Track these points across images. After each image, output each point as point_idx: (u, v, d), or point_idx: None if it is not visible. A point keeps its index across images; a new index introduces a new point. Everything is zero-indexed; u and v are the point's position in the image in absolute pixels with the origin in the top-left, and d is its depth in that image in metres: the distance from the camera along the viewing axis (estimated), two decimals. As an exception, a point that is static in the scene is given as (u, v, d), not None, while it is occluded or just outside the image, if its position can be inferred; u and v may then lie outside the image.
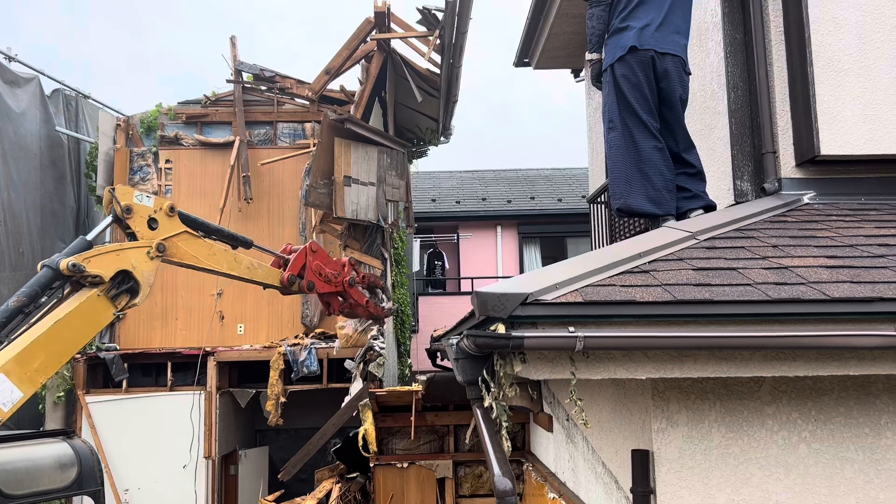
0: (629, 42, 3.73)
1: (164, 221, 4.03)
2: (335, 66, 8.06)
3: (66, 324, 3.54)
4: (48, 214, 9.03)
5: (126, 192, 3.85)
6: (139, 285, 3.86)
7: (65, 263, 3.54)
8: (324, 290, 5.48)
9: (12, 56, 8.51)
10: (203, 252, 4.35)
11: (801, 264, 2.66)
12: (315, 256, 5.34)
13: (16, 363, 3.32)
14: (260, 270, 4.92)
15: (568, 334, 2.22)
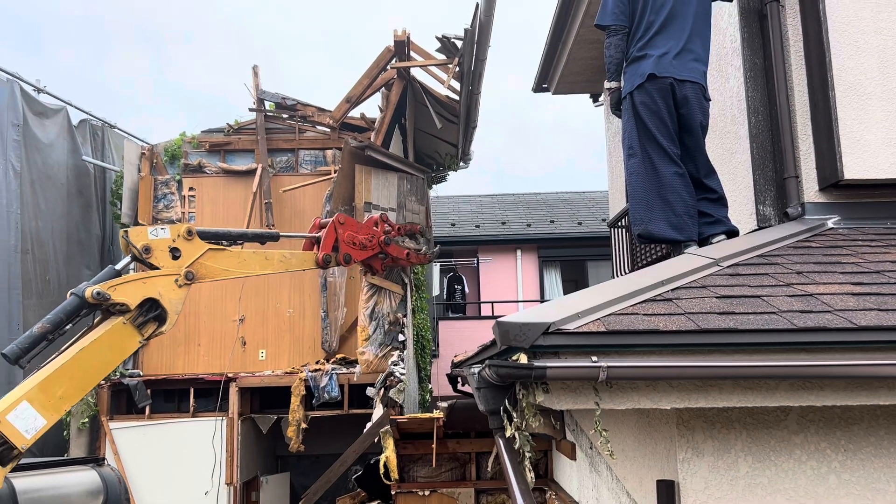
0: (648, 70, 3.74)
1: (185, 247, 4.01)
2: (356, 95, 8.15)
3: (92, 351, 3.55)
4: (74, 242, 9.17)
5: (139, 232, 3.83)
6: (166, 313, 3.86)
7: (90, 291, 3.57)
8: (361, 257, 5.40)
9: (41, 88, 8.70)
10: (232, 262, 4.32)
11: (826, 291, 2.63)
12: (345, 227, 5.25)
13: (39, 390, 3.33)
14: (294, 259, 4.86)
15: (591, 364, 2.21)
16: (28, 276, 8.25)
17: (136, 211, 8.72)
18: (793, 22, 4.04)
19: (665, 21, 3.84)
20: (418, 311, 9.54)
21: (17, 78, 8.22)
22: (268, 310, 8.70)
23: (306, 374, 7.91)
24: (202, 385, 8.24)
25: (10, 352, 3.43)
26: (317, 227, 5.28)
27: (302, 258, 4.96)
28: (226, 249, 4.27)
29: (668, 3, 3.85)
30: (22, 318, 8.08)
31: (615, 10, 3.93)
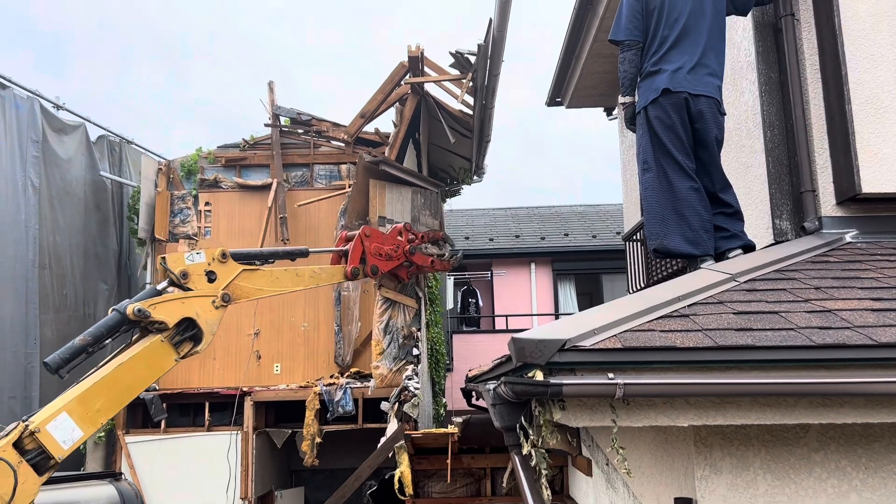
0: (662, 84, 3.74)
1: (220, 269, 4.09)
2: (370, 110, 8.20)
3: (129, 367, 3.63)
4: (91, 257, 9.25)
5: (177, 258, 3.92)
6: (202, 333, 3.93)
7: (131, 308, 3.64)
8: (388, 267, 5.52)
9: (60, 105, 8.81)
10: (265, 281, 4.39)
11: (845, 307, 2.60)
12: (371, 239, 5.34)
13: (78, 403, 3.40)
14: (323, 274, 4.95)
15: (607, 381, 2.20)
16: (45, 290, 8.33)
17: (152, 226, 8.80)
18: (808, 35, 4.03)
19: (679, 36, 3.84)
20: (432, 325, 9.54)
21: (37, 95, 8.33)
22: (283, 323, 8.73)
23: (321, 388, 7.91)
24: (217, 399, 8.26)
25: (51, 361, 3.51)
26: (343, 239, 5.35)
27: (331, 272, 5.05)
28: (259, 269, 4.35)
29: (682, 18, 3.86)
30: (39, 332, 8.15)
31: (629, 26, 3.94)
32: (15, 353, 7.79)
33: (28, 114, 8.18)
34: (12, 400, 7.68)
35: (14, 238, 7.87)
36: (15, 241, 7.88)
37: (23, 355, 7.92)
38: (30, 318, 8.04)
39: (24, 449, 3.29)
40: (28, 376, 7.97)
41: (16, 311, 7.82)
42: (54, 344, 8.33)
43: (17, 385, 7.80)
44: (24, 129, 8.11)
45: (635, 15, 3.94)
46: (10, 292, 7.75)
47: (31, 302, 8.06)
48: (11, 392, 7.69)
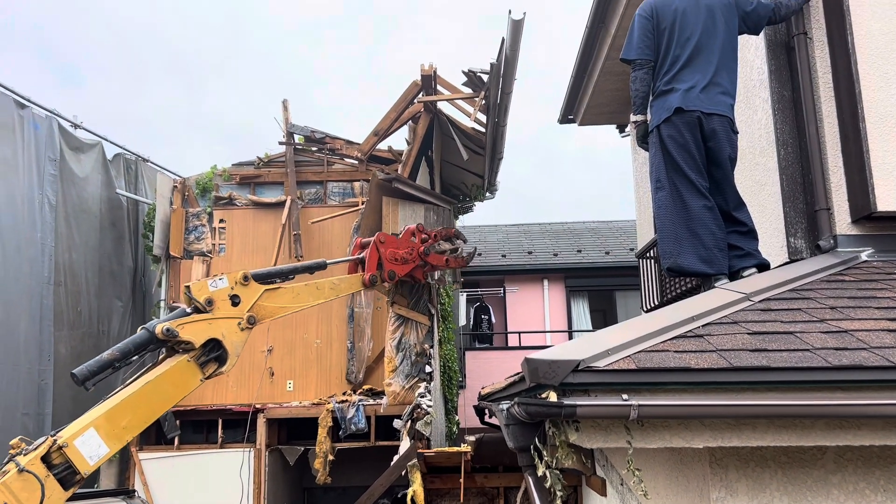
0: (675, 103, 3.75)
1: (243, 292, 4.14)
2: (383, 128, 8.25)
3: (156, 386, 3.67)
4: (106, 274, 9.33)
5: (201, 287, 3.97)
6: (227, 354, 3.97)
7: (160, 328, 3.70)
8: (405, 271, 5.56)
9: (78, 124, 8.93)
10: (287, 298, 4.45)
11: (861, 328, 2.58)
12: (386, 245, 5.39)
13: (106, 419, 3.44)
14: (343, 284, 5.00)
15: (622, 402, 2.19)
16: (60, 307, 8.40)
17: (167, 243, 8.87)
18: (821, 54, 4.03)
19: (691, 55, 3.85)
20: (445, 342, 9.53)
21: (56, 115, 8.45)
22: (296, 340, 8.75)
23: (333, 406, 7.92)
24: (230, 416, 8.28)
25: (79, 373, 3.56)
26: (358, 246, 5.39)
27: (350, 282, 5.10)
28: (280, 287, 4.40)
29: (694, 36, 3.87)
30: (53, 348, 8.20)
31: (640, 45, 3.96)
32: (29, 369, 7.84)
33: (46, 133, 8.29)
34: (25, 416, 7.71)
35: (30, 255, 7.95)
36: (30, 259, 7.96)
37: (36, 372, 7.97)
38: (44, 336, 8.10)
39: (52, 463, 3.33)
40: (41, 393, 8.01)
41: (30, 328, 7.88)
42: (68, 361, 8.39)
43: (31, 402, 7.83)
44: (42, 147, 8.22)
45: (647, 34, 3.96)
46: (24, 309, 7.81)
47: (45, 319, 8.13)
48: (25, 409, 7.73)
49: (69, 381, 8.29)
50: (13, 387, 7.58)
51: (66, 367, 8.35)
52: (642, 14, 4.01)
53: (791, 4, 4.04)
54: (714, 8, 3.93)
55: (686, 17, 3.91)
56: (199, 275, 8.75)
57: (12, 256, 7.70)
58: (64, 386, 8.30)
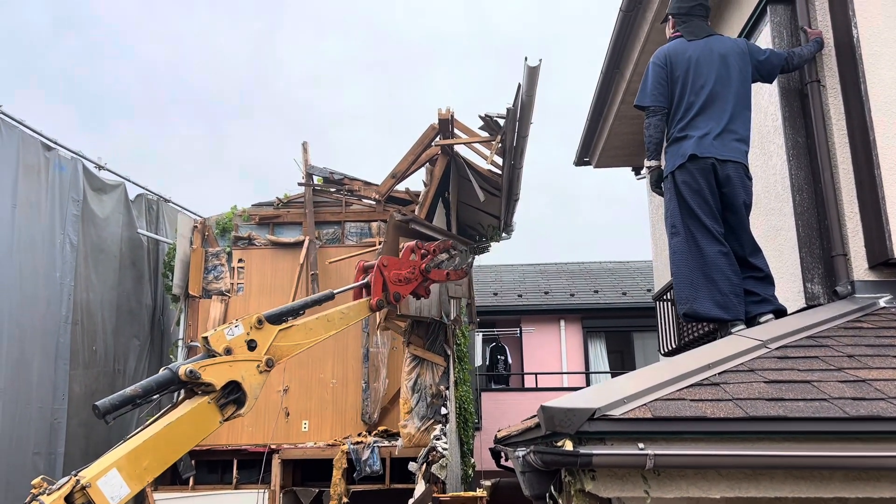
0: (689, 150, 3.79)
1: (258, 336, 4.16)
2: (401, 170, 8.36)
3: (177, 427, 3.70)
4: (124, 313, 9.40)
5: (218, 337, 4.00)
6: (245, 397, 3.99)
7: (184, 369, 3.75)
8: (408, 291, 5.56)
9: (102, 165, 9.11)
10: (300, 335, 4.45)
11: (879, 377, 2.58)
12: (389, 268, 5.37)
13: (128, 460, 3.46)
14: (351, 312, 4.95)
15: (638, 452, 2.19)
16: (76, 346, 8.43)
17: (186, 282, 8.96)
18: (834, 101, 4.07)
19: (706, 102, 3.91)
20: (461, 383, 9.49)
21: (81, 156, 8.64)
22: (312, 380, 8.75)
23: (348, 447, 7.88)
24: (245, 456, 8.26)
25: (101, 405, 3.59)
26: (361, 271, 5.40)
27: (357, 308, 5.07)
28: (293, 325, 4.43)
29: (708, 84, 3.93)
30: (68, 388, 8.22)
31: (654, 92, 4.02)
32: (41, 408, 7.84)
33: (71, 174, 8.47)
34: (36, 456, 7.69)
35: (47, 295, 8.03)
36: (48, 298, 8.03)
37: (49, 411, 7.97)
38: (59, 374, 8.11)
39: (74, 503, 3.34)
40: (54, 432, 8.01)
41: (44, 367, 7.89)
42: (81, 400, 8.42)
43: (42, 441, 7.82)
44: (66, 188, 8.38)
45: (660, 81, 4.02)
46: (38, 348, 7.84)
47: (61, 357, 8.15)
48: (36, 448, 7.71)
49: (82, 420, 8.39)
50: (25, 426, 7.57)
51: (79, 406, 8.38)
52: (656, 62, 4.09)
53: (804, 53, 4.09)
54: (728, 56, 3.99)
55: (700, 65, 3.97)
56: (218, 314, 8.81)
57: (30, 296, 7.78)
58: (77, 425, 8.32)
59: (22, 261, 7.70)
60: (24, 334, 7.65)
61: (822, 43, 4.14)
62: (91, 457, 8.25)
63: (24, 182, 7.78)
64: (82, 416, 8.45)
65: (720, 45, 4.05)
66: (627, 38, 6.40)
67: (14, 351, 7.48)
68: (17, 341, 7.54)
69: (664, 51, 4.10)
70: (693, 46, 4.03)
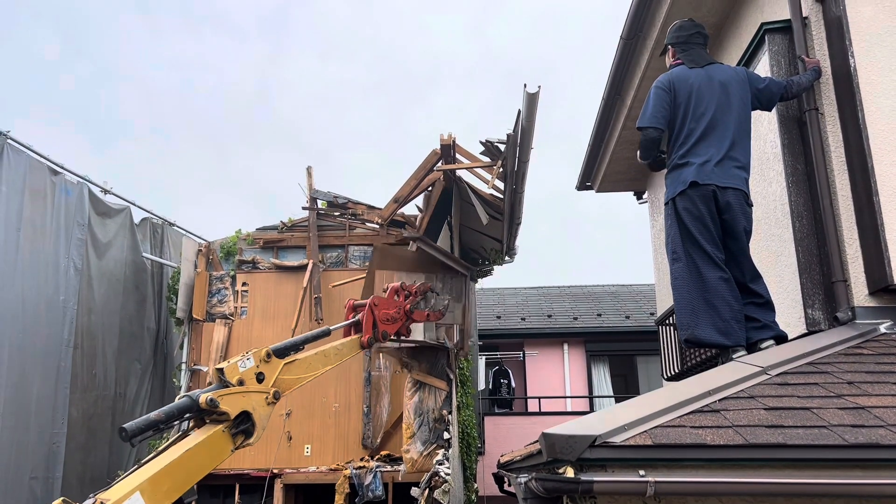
0: (690, 177, 3.83)
1: (266, 369, 4.30)
2: (403, 195, 8.42)
3: (194, 454, 3.78)
4: (126, 336, 9.40)
5: (232, 369, 4.12)
6: (254, 427, 4.09)
7: (204, 398, 3.84)
8: (394, 329, 5.79)
9: (108, 189, 9.18)
10: (301, 369, 4.60)
11: (878, 404, 2.59)
12: (379, 308, 5.61)
13: (150, 483, 3.53)
14: (344, 349, 5.16)
15: (638, 479, 2.21)
16: (76, 369, 8.40)
17: (190, 305, 8.98)
18: (832, 129, 4.12)
19: (706, 129, 3.95)
20: (464, 407, 9.46)
21: (87, 181, 8.71)
22: (314, 404, 8.74)
23: (351, 472, 7.85)
24: (247, 481, 8.23)
25: (129, 428, 3.67)
26: (350, 309, 5.60)
27: (350, 346, 5.26)
28: (296, 359, 4.59)
29: (709, 112, 3.97)
30: (68, 411, 8.19)
31: (655, 114, 4.08)
32: (40, 432, 7.79)
33: (77, 198, 8.53)
34: (33, 480, 7.62)
35: (49, 318, 8.03)
36: (49, 322, 8.03)
37: (48, 435, 7.92)
38: (59, 398, 8.07)
39: None
40: (53, 456, 7.95)
41: (43, 391, 7.85)
42: (79, 423, 8.40)
43: (39, 465, 7.76)
44: (71, 212, 8.44)
45: (662, 106, 4.07)
46: (38, 372, 7.81)
47: (61, 381, 8.11)
48: (33, 472, 7.64)
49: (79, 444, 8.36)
50: (22, 450, 7.51)
51: (76, 430, 8.35)
52: (659, 86, 4.14)
53: (802, 82, 4.15)
54: (728, 84, 4.05)
55: (701, 92, 4.02)
56: (221, 338, 8.83)
57: (32, 319, 7.78)
58: (74, 449, 8.28)
59: (25, 284, 7.73)
60: (25, 357, 7.64)
61: (819, 72, 4.20)
62: (88, 481, 8.28)
63: (30, 206, 7.84)
64: (79, 439, 8.43)
65: (720, 73, 4.11)
66: (628, 66, 6.48)
67: (14, 374, 7.46)
68: (18, 364, 7.53)
69: (667, 76, 4.16)
70: (695, 74, 4.09)
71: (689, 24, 4.36)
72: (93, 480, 8.44)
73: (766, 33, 4.48)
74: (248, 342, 8.85)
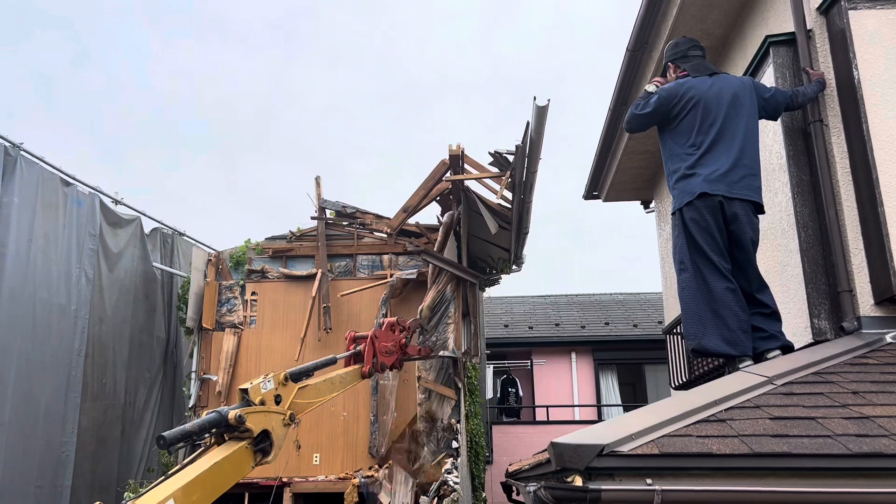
0: (698, 189, 3.87)
1: (283, 392, 4.49)
2: (412, 205, 8.48)
3: (221, 467, 3.92)
4: (136, 346, 9.45)
5: (255, 390, 4.29)
6: (272, 447, 4.25)
7: (233, 414, 4.01)
8: (391, 361, 6.12)
9: (119, 200, 9.28)
10: (312, 394, 4.84)
11: (883, 413, 2.62)
12: (379, 339, 5.93)
13: (183, 492, 3.67)
14: (347, 378, 5.45)
15: (646, 487, 2.25)
16: (86, 379, 8.44)
17: (200, 315, 9.05)
18: (837, 140, 4.16)
19: (714, 140, 3.98)
20: (472, 416, 9.49)
21: (98, 191, 8.80)
22: (323, 413, 8.76)
23: (359, 481, 7.88)
24: (257, 490, 8.26)
25: (168, 437, 3.81)
26: (351, 339, 5.93)
27: (353, 375, 5.59)
28: (308, 384, 4.81)
29: (717, 122, 4.00)
30: (78, 420, 8.23)
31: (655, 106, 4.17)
32: (48, 441, 7.81)
33: (88, 209, 8.62)
34: (38, 489, 7.61)
35: (60, 328, 8.09)
36: (60, 331, 8.09)
37: (58, 444, 7.94)
38: (69, 408, 8.10)
39: None
40: (61, 466, 7.97)
41: (53, 400, 7.88)
42: (88, 433, 8.44)
43: (46, 474, 7.77)
44: (83, 223, 8.52)
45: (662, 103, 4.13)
46: (49, 381, 7.84)
47: (72, 391, 8.15)
48: (38, 481, 7.64)
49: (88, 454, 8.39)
50: (28, 458, 7.52)
51: (85, 439, 8.40)
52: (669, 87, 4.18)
53: (808, 92, 4.19)
54: (736, 94, 4.08)
55: (709, 103, 4.05)
56: (231, 347, 8.88)
57: (43, 329, 7.84)
58: (82, 458, 8.32)
59: (37, 294, 7.80)
60: (35, 367, 7.68)
61: (824, 83, 4.24)
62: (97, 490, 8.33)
63: (42, 217, 7.92)
64: (89, 448, 8.48)
65: (728, 83, 4.15)
66: (634, 76, 6.53)
67: (24, 383, 7.49)
68: (28, 374, 7.57)
69: (678, 83, 4.20)
70: (702, 83, 4.12)
71: (685, 41, 4.43)
72: (102, 489, 8.49)
73: (770, 46, 4.53)
74: (258, 351, 8.91)
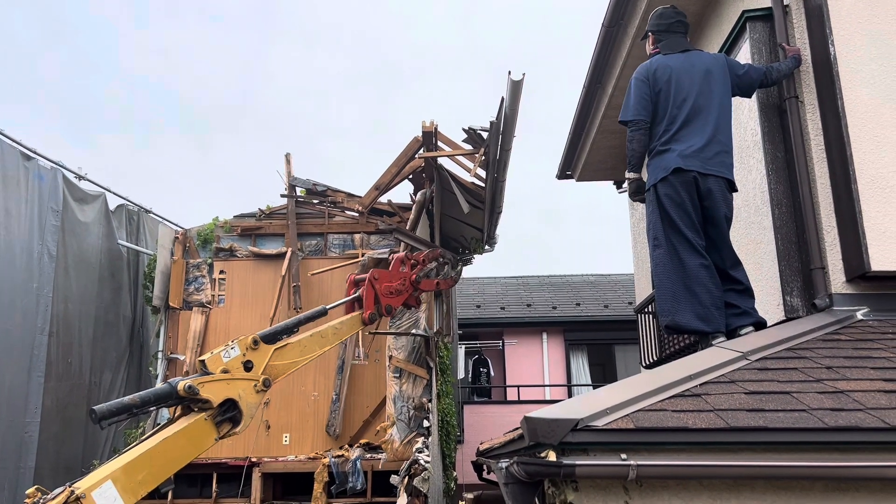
0: (672, 164, 3.84)
1: (254, 357, 4.18)
2: (384, 182, 8.37)
3: (173, 442, 3.70)
4: (101, 324, 9.25)
5: (215, 360, 4.03)
6: (241, 415, 4.01)
7: (182, 385, 3.76)
8: (400, 302, 5.61)
9: (82, 175, 9.02)
10: (295, 353, 4.49)
11: (857, 388, 2.61)
12: (380, 281, 5.38)
13: (123, 472, 3.45)
14: (344, 327, 5.00)
15: (620, 462, 2.21)
16: (50, 358, 8.26)
17: (167, 294, 8.87)
18: (812, 117, 4.14)
19: (688, 116, 3.95)
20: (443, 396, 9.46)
21: (61, 166, 8.55)
22: (293, 393, 8.68)
23: (330, 460, 7.82)
24: (225, 470, 8.15)
25: (99, 410, 3.58)
26: (352, 284, 5.40)
27: (350, 323, 5.10)
28: (288, 344, 4.46)
29: (690, 98, 3.98)
30: (42, 401, 8.05)
31: (637, 106, 4.07)
32: (11, 422, 7.62)
33: (50, 184, 8.37)
34: (2, 471, 7.51)
35: (23, 306, 7.88)
36: (24, 310, 7.88)
37: (21, 425, 7.76)
38: (32, 388, 7.91)
39: None
40: (25, 446, 7.80)
41: (15, 380, 7.69)
42: (53, 413, 8.25)
43: (10, 456, 7.60)
44: (45, 198, 8.28)
45: (643, 96, 4.07)
46: (11, 361, 7.64)
47: (35, 370, 7.95)
48: (2, 463, 7.51)
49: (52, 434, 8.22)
50: (-9, 440, 7.40)
51: (50, 419, 8.22)
52: (639, 77, 4.14)
53: (782, 69, 4.16)
54: (710, 70, 4.05)
55: (681, 79, 4.02)
56: (198, 326, 8.73)
57: (5, 307, 7.59)
58: (46, 439, 8.14)
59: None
60: (-3, 347, 7.50)
61: (800, 59, 4.21)
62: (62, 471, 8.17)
63: (2, 191, 7.68)
64: (53, 429, 8.30)
65: (700, 59, 4.12)
66: (609, 54, 6.47)
67: (-16, 363, 7.32)
68: (-12, 353, 7.39)
69: (646, 66, 4.16)
70: (674, 60, 4.09)
71: (671, 13, 4.35)
72: (67, 470, 8.32)
73: (747, 21, 4.49)
74: (226, 330, 8.76)
